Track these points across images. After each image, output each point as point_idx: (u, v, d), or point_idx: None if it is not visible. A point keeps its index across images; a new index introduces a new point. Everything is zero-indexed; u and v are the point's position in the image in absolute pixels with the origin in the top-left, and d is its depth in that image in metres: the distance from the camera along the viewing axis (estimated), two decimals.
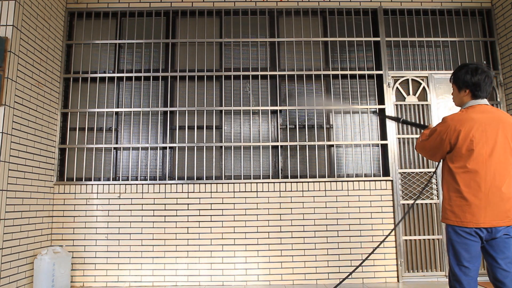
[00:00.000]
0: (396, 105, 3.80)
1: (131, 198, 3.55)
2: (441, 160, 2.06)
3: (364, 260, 2.57)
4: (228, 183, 3.59)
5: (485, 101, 1.94)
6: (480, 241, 1.85)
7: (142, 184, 3.57)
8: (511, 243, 1.85)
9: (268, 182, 3.60)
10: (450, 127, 1.90)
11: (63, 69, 3.74)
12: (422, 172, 3.69)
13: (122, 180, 3.62)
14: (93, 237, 3.49)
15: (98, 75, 3.80)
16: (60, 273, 3.19)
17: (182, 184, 3.58)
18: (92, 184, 3.56)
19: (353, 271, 2.57)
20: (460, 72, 1.97)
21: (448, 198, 1.93)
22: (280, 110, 3.80)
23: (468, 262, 1.86)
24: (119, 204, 3.54)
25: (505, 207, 1.81)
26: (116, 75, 3.80)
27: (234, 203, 3.55)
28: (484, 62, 3.93)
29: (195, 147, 3.71)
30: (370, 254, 2.58)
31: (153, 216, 3.52)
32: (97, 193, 3.55)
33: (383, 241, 2.62)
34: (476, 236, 1.84)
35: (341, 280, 2.62)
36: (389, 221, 3.56)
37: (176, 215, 3.52)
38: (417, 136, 3.73)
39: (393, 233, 3.55)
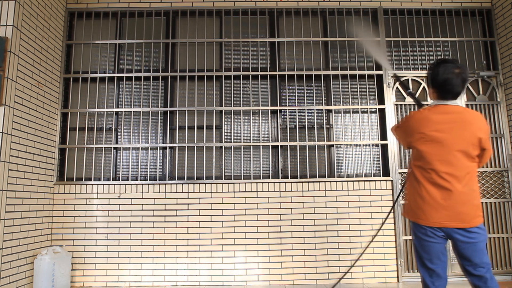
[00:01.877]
0: (396, 105, 3.80)
1: (131, 198, 3.55)
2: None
3: (355, 261, 2.58)
4: (228, 183, 3.59)
5: (451, 101, 1.89)
6: (440, 241, 1.83)
7: (142, 184, 3.57)
8: (474, 249, 1.79)
9: (268, 182, 3.60)
10: (409, 124, 1.93)
11: (63, 69, 3.74)
12: None
13: (122, 180, 3.62)
14: (93, 237, 3.49)
15: (98, 75, 3.80)
16: (60, 273, 3.19)
17: (182, 184, 3.58)
18: (92, 184, 3.56)
19: (347, 272, 2.58)
20: (432, 70, 1.92)
21: (409, 193, 1.94)
22: (280, 110, 3.80)
23: (430, 262, 1.85)
24: (119, 204, 3.54)
25: (456, 210, 1.78)
26: (116, 75, 3.80)
27: (234, 203, 3.55)
28: (484, 62, 3.93)
29: (195, 147, 3.71)
30: (361, 254, 2.59)
31: (153, 216, 3.52)
32: (97, 193, 3.55)
33: (371, 241, 2.62)
34: (433, 236, 1.83)
35: (337, 281, 2.63)
36: (389, 221, 3.56)
37: (176, 215, 3.52)
38: None
39: (393, 233, 3.55)
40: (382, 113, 3.80)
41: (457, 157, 1.81)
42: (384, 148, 3.74)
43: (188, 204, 3.55)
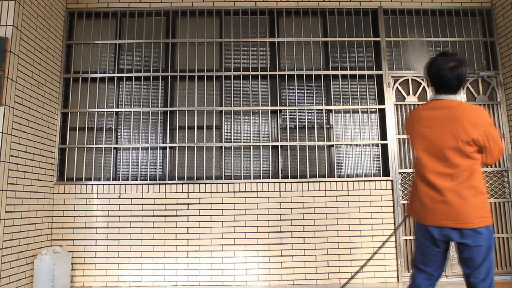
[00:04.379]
0: (396, 105, 3.80)
1: (131, 198, 3.54)
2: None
3: (361, 267, 2.59)
4: (228, 183, 3.59)
5: (444, 96, 1.80)
6: (439, 244, 1.76)
7: (142, 184, 3.57)
8: (475, 252, 1.68)
9: (268, 182, 3.60)
10: (407, 122, 1.94)
11: (63, 69, 3.74)
12: None
13: (122, 180, 3.62)
14: (93, 237, 3.49)
15: (98, 75, 3.80)
16: (60, 273, 3.19)
17: (182, 184, 3.58)
18: (92, 184, 3.56)
19: (352, 277, 2.58)
20: (428, 62, 1.88)
21: (411, 192, 1.92)
22: (280, 110, 3.80)
23: (422, 264, 1.82)
24: (119, 204, 3.54)
25: (450, 209, 1.69)
26: (116, 75, 3.80)
27: (234, 203, 3.55)
28: (484, 62, 3.93)
29: (195, 147, 3.71)
30: (368, 259, 2.60)
31: (153, 216, 3.52)
32: (97, 193, 3.55)
33: (382, 246, 2.62)
34: (429, 236, 1.76)
35: (343, 284, 2.64)
36: (389, 221, 3.56)
37: (176, 215, 3.52)
38: None
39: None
40: (382, 113, 3.80)
41: (448, 155, 1.72)
42: (384, 148, 3.74)
43: (188, 204, 3.55)
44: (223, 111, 3.78)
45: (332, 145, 3.76)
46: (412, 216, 1.88)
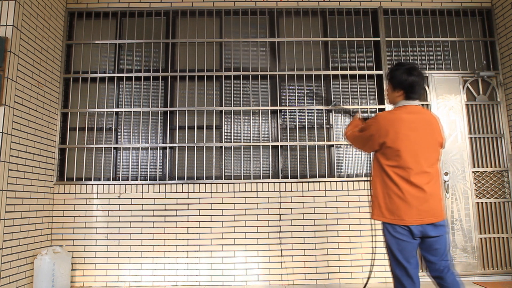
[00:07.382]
0: None
1: (131, 198, 3.55)
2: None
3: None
4: (228, 183, 3.59)
5: (416, 102, 1.99)
6: (416, 240, 1.89)
7: (142, 184, 3.57)
8: (443, 241, 1.90)
9: (268, 182, 3.60)
10: (381, 127, 1.95)
11: (63, 69, 3.74)
12: None
13: (122, 180, 3.62)
14: (93, 237, 3.49)
15: (98, 75, 3.80)
16: (60, 273, 3.19)
17: (182, 184, 3.58)
18: (92, 184, 3.56)
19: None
20: (397, 72, 1.99)
21: (382, 195, 1.94)
22: (280, 110, 3.80)
23: (407, 262, 1.89)
24: (119, 204, 3.54)
25: (430, 206, 1.86)
26: (116, 75, 3.80)
27: (234, 203, 3.55)
28: (484, 62, 3.93)
29: (195, 147, 3.71)
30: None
31: (153, 216, 3.52)
32: (97, 193, 3.55)
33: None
34: (411, 236, 1.87)
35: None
36: None
37: (176, 215, 3.52)
38: None
39: None
40: None
41: (431, 154, 1.92)
42: None
43: (188, 204, 3.55)
44: (223, 111, 3.78)
45: (332, 145, 3.76)
46: (389, 220, 1.90)
